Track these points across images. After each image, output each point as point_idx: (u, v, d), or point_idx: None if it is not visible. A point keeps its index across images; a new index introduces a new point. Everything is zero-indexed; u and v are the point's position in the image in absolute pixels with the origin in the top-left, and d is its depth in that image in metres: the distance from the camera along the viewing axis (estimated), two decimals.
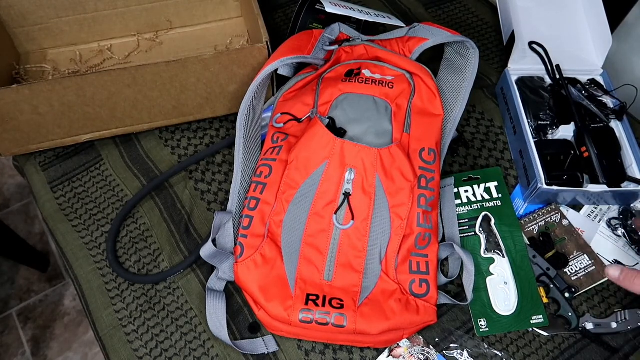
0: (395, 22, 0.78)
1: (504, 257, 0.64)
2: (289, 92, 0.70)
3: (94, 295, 0.66)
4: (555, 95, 0.74)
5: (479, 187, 0.69)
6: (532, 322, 0.61)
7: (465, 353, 0.60)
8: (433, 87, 0.67)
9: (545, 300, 0.62)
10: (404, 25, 0.76)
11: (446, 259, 0.65)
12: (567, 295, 0.62)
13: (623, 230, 0.67)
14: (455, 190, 0.69)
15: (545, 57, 0.76)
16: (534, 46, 0.77)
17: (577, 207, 0.70)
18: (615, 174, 0.67)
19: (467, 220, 0.67)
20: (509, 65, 0.77)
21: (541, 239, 0.66)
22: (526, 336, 0.61)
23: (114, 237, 0.69)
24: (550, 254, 0.65)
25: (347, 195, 0.60)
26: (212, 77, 0.69)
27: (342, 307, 0.57)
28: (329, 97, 0.67)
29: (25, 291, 1.43)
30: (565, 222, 0.67)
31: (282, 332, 0.59)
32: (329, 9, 0.72)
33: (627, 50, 0.83)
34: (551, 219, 0.67)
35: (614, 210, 0.69)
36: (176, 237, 0.69)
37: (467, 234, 0.66)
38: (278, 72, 0.74)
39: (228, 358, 0.60)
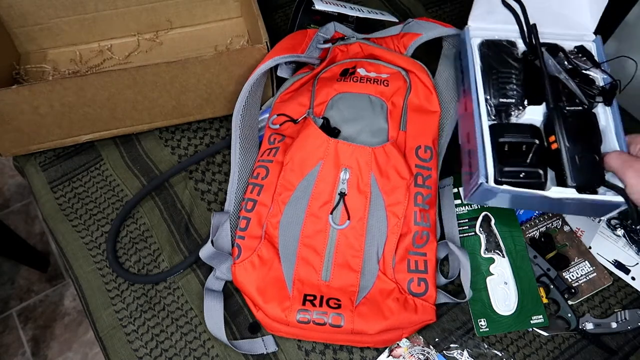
0: (388, 17, 0.78)
1: (504, 257, 0.64)
2: (286, 93, 0.70)
3: (94, 295, 0.66)
4: (528, 66, 0.59)
5: None
6: (532, 322, 0.61)
7: (465, 353, 0.60)
8: (429, 83, 0.67)
9: (545, 300, 0.62)
10: (397, 21, 0.75)
11: (446, 259, 0.65)
12: (566, 296, 0.62)
13: (623, 230, 0.67)
14: (455, 190, 0.69)
15: (520, 14, 0.59)
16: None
17: None
18: (590, 175, 0.52)
19: (467, 220, 0.67)
20: (469, 21, 0.62)
21: (542, 239, 0.66)
22: (526, 336, 0.61)
23: (114, 237, 0.69)
24: (551, 254, 0.65)
25: (342, 195, 0.60)
26: (212, 77, 0.69)
27: (339, 307, 0.57)
28: (325, 97, 0.67)
29: (25, 291, 1.43)
30: (566, 228, 0.67)
31: (280, 333, 0.59)
32: (319, 6, 0.72)
33: (627, 50, 0.83)
34: (552, 225, 0.67)
35: None
36: (176, 237, 0.69)
37: (467, 234, 0.66)
38: (277, 74, 0.74)
39: (228, 358, 0.60)
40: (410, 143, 0.64)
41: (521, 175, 0.53)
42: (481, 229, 0.66)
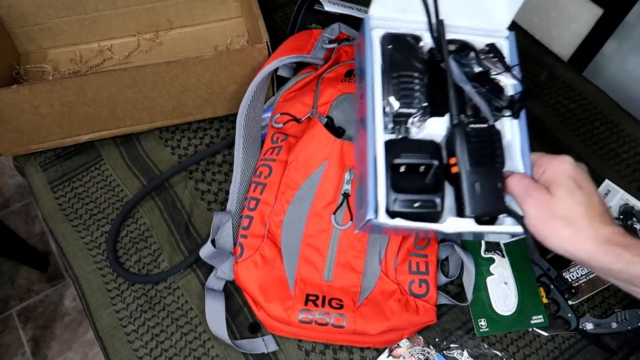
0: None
1: (504, 257, 0.64)
2: (289, 92, 0.70)
3: (94, 295, 0.66)
4: (434, 68, 0.49)
5: None
6: (532, 322, 0.61)
7: (465, 353, 0.60)
8: None
9: (545, 300, 0.62)
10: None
11: (446, 258, 0.65)
12: (566, 296, 0.62)
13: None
14: None
15: (430, 2, 0.49)
16: None
17: None
18: (490, 205, 0.46)
19: None
20: (370, 10, 0.50)
21: None
22: (526, 336, 0.61)
23: (114, 237, 0.68)
24: (551, 254, 0.65)
25: (346, 195, 0.60)
26: (212, 77, 0.69)
27: (341, 307, 0.57)
28: (329, 97, 0.67)
29: (25, 291, 1.43)
30: None
31: (281, 332, 0.59)
32: (328, 7, 0.72)
33: (627, 50, 0.83)
34: None
35: (614, 210, 0.69)
36: (176, 237, 0.69)
37: None
38: (278, 73, 0.74)
39: (228, 358, 0.60)
40: None
41: (415, 205, 0.46)
42: None
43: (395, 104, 0.47)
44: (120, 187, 0.73)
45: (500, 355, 0.60)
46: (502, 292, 0.62)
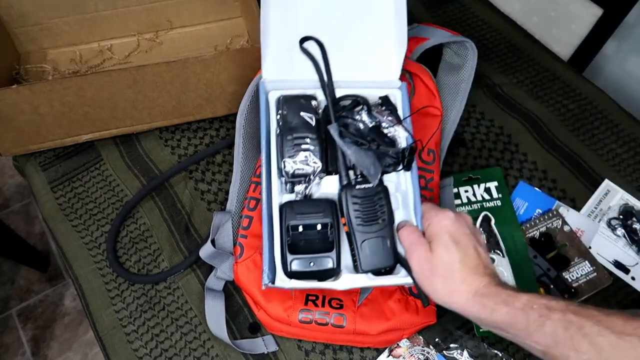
0: None
1: (504, 257, 0.64)
2: None
3: (94, 295, 0.66)
4: (327, 129, 0.50)
5: (479, 187, 0.69)
6: None
7: (465, 353, 0.60)
8: (432, 87, 0.67)
9: None
10: None
11: None
12: (566, 296, 0.62)
13: (623, 230, 0.67)
14: (455, 190, 0.69)
15: (320, 62, 0.51)
16: (306, 45, 0.51)
17: (577, 206, 0.70)
18: (382, 259, 0.48)
19: None
20: (263, 73, 0.53)
21: (542, 239, 0.66)
22: None
23: (114, 237, 0.68)
24: (551, 254, 0.65)
25: None
26: (212, 77, 0.69)
27: (341, 307, 0.57)
28: None
29: (25, 291, 1.43)
30: (566, 228, 0.67)
31: (281, 332, 0.59)
32: None
33: (627, 50, 0.83)
34: (552, 225, 0.67)
35: (614, 210, 0.69)
36: (176, 237, 0.69)
37: None
38: None
39: (228, 358, 0.60)
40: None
41: (311, 265, 0.48)
42: (481, 229, 0.66)
43: (291, 165, 0.49)
44: (120, 187, 0.73)
45: (500, 355, 0.59)
46: None
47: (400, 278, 0.50)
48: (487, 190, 0.69)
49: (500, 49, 0.88)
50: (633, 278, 0.64)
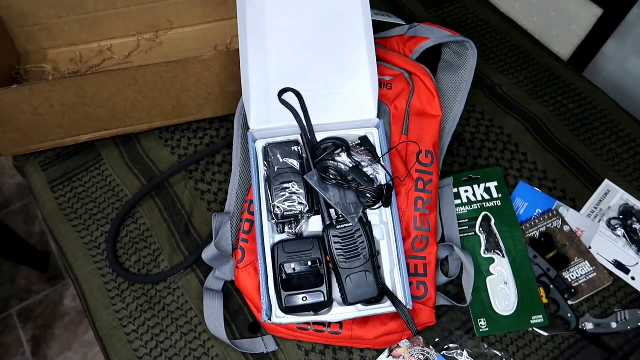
0: (394, 20, 0.78)
1: (504, 257, 0.64)
2: None
3: (94, 295, 0.66)
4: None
5: (479, 187, 0.69)
6: (532, 322, 0.61)
7: (465, 353, 0.60)
8: (432, 87, 0.67)
9: (545, 300, 0.62)
10: (404, 23, 0.75)
11: (446, 258, 0.65)
12: (566, 296, 0.62)
13: (623, 230, 0.67)
14: (455, 190, 0.69)
15: (300, 111, 0.56)
16: (285, 96, 0.57)
17: (577, 206, 0.70)
18: (368, 291, 0.52)
19: (467, 220, 0.67)
20: (250, 125, 0.57)
21: (542, 239, 0.66)
22: (526, 336, 0.61)
23: (114, 237, 0.68)
24: (551, 254, 0.65)
25: None
26: (212, 77, 0.69)
27: None
28: None
29: (25, 291, 1.43)
30: (566, 228, 0.67)
31: (281, 334, 0.59)
32: None
33: (627, 50, 0.83)
34: (552, 225, 0.67)
35: (614, 210, 0.69)
36: (176, 237, 0.69)
37: (467, 234, 0.66)
38: None
39: (228, 358, 0.60)
40: (412, 147, 0.64)
41: (304, 299, 0.52)
42: (481, 229, 0.66)
43: (280, 208, 0.54)
44: (120, 187, 0.73)
45: (500, 355, 0.59)
46: (502, 292, 0.62)
47: (387, 307, 0.53)
48: (487, 190, 0.69)
49: (500, 49, 0.88)
50: (633, 278, 0.64)
